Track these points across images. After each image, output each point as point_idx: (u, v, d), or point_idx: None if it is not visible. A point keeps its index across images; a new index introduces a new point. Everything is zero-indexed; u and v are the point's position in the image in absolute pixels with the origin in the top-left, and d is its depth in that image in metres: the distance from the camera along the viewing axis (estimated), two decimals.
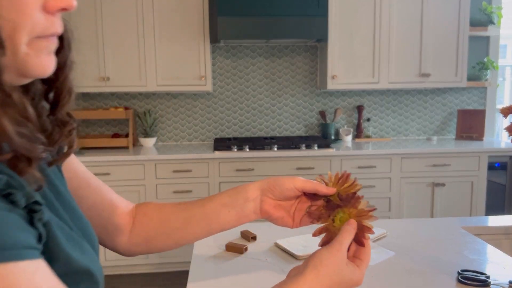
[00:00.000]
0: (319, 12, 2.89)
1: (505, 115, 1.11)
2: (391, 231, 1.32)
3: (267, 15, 2.85)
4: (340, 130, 3.41)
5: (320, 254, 0.62)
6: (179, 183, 2.85)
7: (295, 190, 0.73)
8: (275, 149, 2.91)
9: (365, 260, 0.66)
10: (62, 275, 0.42)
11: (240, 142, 3.00)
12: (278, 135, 3.46)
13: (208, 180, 2.86)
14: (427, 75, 3.14)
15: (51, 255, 0.43)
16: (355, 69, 3.12)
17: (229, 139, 3.28)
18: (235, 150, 2.89)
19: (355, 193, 0.67)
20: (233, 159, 2.86)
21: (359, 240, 0.66)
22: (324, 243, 0.68)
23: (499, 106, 3.46)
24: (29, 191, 0.40)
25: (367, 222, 0.66)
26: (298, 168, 2.88)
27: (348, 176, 0.69)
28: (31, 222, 0.39)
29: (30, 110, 0.41)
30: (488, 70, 3.35)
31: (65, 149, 0.53)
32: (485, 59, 3.39)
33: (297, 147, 2.94)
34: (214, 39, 2.97)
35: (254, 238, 1.26)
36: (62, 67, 0.49)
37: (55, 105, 0.51)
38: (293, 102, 3.44)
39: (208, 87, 3.06)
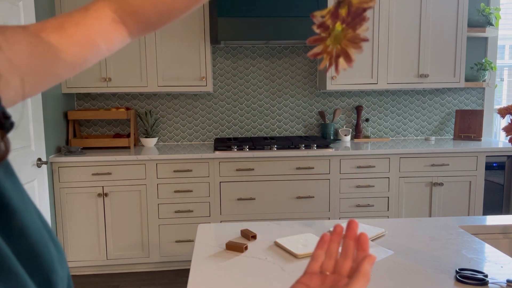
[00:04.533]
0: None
1: (503, 116, 1.13)
2: (389, 230, 1.33)
3: (267, 16, 2.87)
4: (339, 130, 3.43)
5: None
6: (180, 182, 2.86)
7: None
8: (275, 149, 2.93)
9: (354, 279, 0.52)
10: None
11: (240, 142, 3.01)
12: (278, 135, 3.47)
13: (208, 180, 2.88)
14: (425, 76, 3.15)
15: None
16: (354, 69, 3.13)
17: (229, 139, 3.30)
18: (235, 150, 2.91)
19: (365, 9, 0.55)
20: (233, 159, 2.87)
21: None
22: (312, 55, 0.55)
23: (497, 107, 3.48)
24: None
25: (352, 51, 0.57)
26: (297, 168, 2.90)
27: None
28: None
29: None
30: (486, 71, 3.37)
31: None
32: (483, 60, 3.41)
33: (296, 147, 2.95)
34: (215, 40, 2.98)
35: (254, 237, 1.27)
36: None
37: None
38: (293, 103, 3.45)
39: (209, 88, 3.07)
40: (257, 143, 3.01)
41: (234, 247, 1.20)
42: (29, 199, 0.43)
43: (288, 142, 3.00)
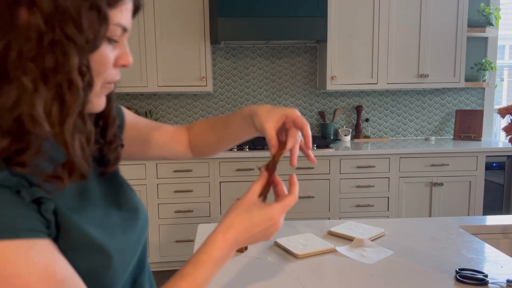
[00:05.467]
0: (319, 13, 2.90)
1: (503, 116, 1.13)
2: (389, 231, 1.33)
3: (267, 16, 2.87)
4: (339, 130, 3.43)
5: (231, 208, 0.70)
6: (180, 182, 2.86)
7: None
8: None
9: (281, 196, 0.72)
10: (75, 249, 0.55)
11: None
12: None
13: (208, 180, 2.88)
14: (425, 76, 3.15)
15: (66, 232, 0.54)
16: (354, 70, 3.13)
17: None
18: (235, 150, 2.91)
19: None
20: (233, 159, 2.87)
21: (270, 180, 0.73)
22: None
23: (497, 107, 3.48)
24: (34, 190, 0.51)
25: (279, 157, 0.75)
26: (297, 168, 2.90)
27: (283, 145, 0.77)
28: (40, 212, 0.51)
29: (93, 138, 0.57)
30: (486, 71, 3.37)
31: (113, 161, 0.70)
32: (483, 60, 3.41)
33: None
34: (215, 40, 2.98)
35: None
36: (109, 102, 0.67)
37: (104, 129, 0.68)
38: (293, 103, 3.45)
39: (209, 88, 3.07)
40: (257, 143, 3.01)
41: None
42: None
43: None
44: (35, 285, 0.48)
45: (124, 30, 0.58)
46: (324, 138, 3.35)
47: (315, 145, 2.96)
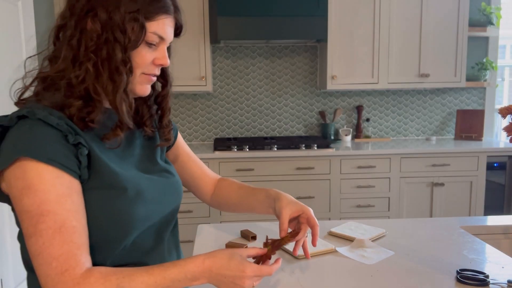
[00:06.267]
0: (319, 12, 2.90)
1: (504, 116, 1.12)
2: (390, 231, 1.32)
3: (267, 15, 2.86)
4: (340, 130, 3.42)
5: (223, 249, 0.80)
6: None
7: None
8: (275, 149, 2.92)
9: (263, 263, 0.84)
10: (103, 187, 0.75)
11: (240, 142, 3.01)
12: (278, 135, 3.47)
13: None
14: (426, 76, 3.15)
15: (98, 172, 0.75)
16: (354, 69, 3.12)
17: (229, 139, 3.29)
18: (235, 150, 2.90)
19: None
20: (233, 159, 2.86)
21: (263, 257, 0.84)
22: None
23: (498, 106, 3.47)
24: (77, 137, 0.72)
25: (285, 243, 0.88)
26: (297, 168, 2.89)
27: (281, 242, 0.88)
28: (77, 155, 0.73)
29: (132, 106, 0.81)
30: (487, 71, 3.36)
31: (165, 141, 0.95)
32: (484, 60, 3.40)
33: (297, 147, 2.95)
34: (214, 39, 2.98)
35: (254, 237, 1.27)
36: (165, 95, 0.92)
37: (161, 116, 0.94)
38: (293, 102, 3.44)
39: (208, 87, 3.07)
40: (257, 143, 3.00)
41: (234, 248, 1.20)
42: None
43: (288, 142, 3.00)
44: (49, 202, 0.68)
45: (161, 38, 0.81)
46: (324, 138, 3.35)
47: (316, 145, 2.95)
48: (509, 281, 0.97)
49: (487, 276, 0.98)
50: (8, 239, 2.14)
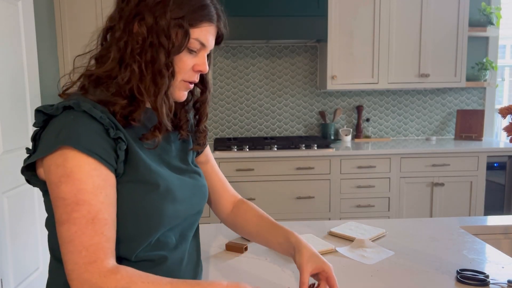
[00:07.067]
0: (319, 12, 2.90)
1: (504, 116, 1.12)
2: (390, 231, 1.32)
3: (267, 15, 2.86)
4: (340, 130, 3.42)
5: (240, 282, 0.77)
6: None
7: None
8: (275, 149, 2.92)
9: None
10: (137, 181, 0.77)
11: (240, 142, 3.01)
12: (278, 135, 3.47)
13: None
14: (426, 76, 3.15)
15: (133, 167, 0.77)
16: (354, 69, 3.12)
17: (229, 139, 3.29)
18: (235, 150, 2.90)
19: None
20: (233, 159, 2.86)
21: None
22: None
23: (498, 106, 3.47)
24: (117, 132, 0.75)
25: None
26: (297, 168, 2.89)
27: None
28: (115, 150, 0.75)
29: (172, 109, 0.83)
30: (487, 71, 3.36)
31: (199, 145, 0.97)
32: (484, 60, 3.40)
33: (296, 147, 2.95)
34: None
35: None
36: (204, 101, 0.93)
37: (199, 121, 0.95)
38: (293, 102, 3.44)
39: None
40: (257, 143, 3.00)
41: (234, 248, 1.20)
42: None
43: (288, 142, 3.00)
44: (85, 193, 0.70)
45: (203, 45, 0.83)
46: (324, 138, 3.35)
47: (316, 145, 2.95)
48: (509, 281, 0.97)
49: (487, 276, 0.98)
50: (8, 239, 2.14)
